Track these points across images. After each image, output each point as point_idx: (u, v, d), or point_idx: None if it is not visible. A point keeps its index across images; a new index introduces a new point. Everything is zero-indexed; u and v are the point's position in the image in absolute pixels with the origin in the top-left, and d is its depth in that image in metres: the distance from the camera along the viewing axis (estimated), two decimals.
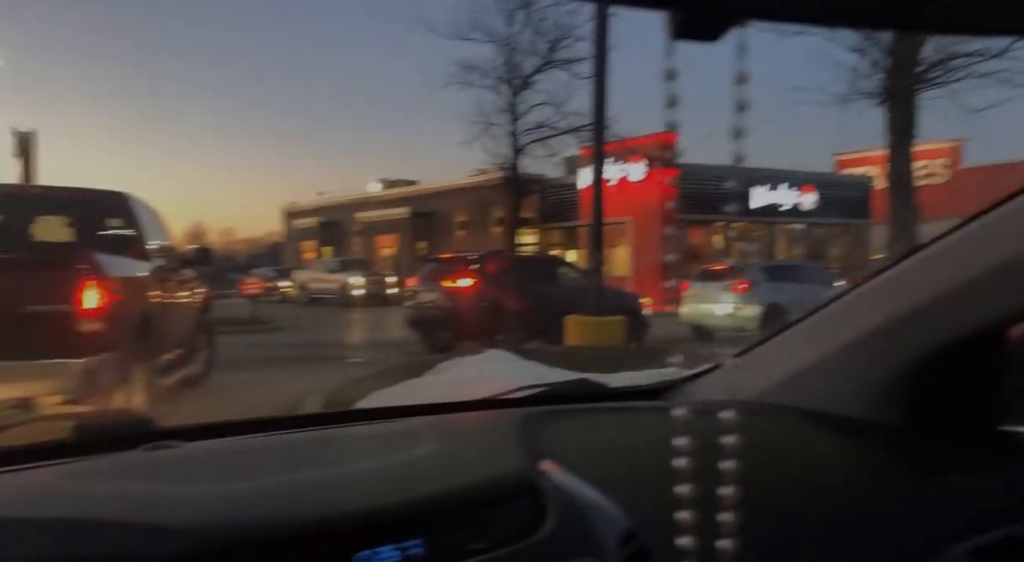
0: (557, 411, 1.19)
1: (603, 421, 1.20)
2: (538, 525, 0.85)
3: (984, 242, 0.93)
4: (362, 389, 6.21)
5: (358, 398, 5.65)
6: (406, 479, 0.90)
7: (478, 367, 5.65)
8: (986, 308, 0.96)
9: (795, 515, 0.92)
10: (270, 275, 27.50)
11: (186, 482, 0.86)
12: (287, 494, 0.84)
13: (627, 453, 1.06)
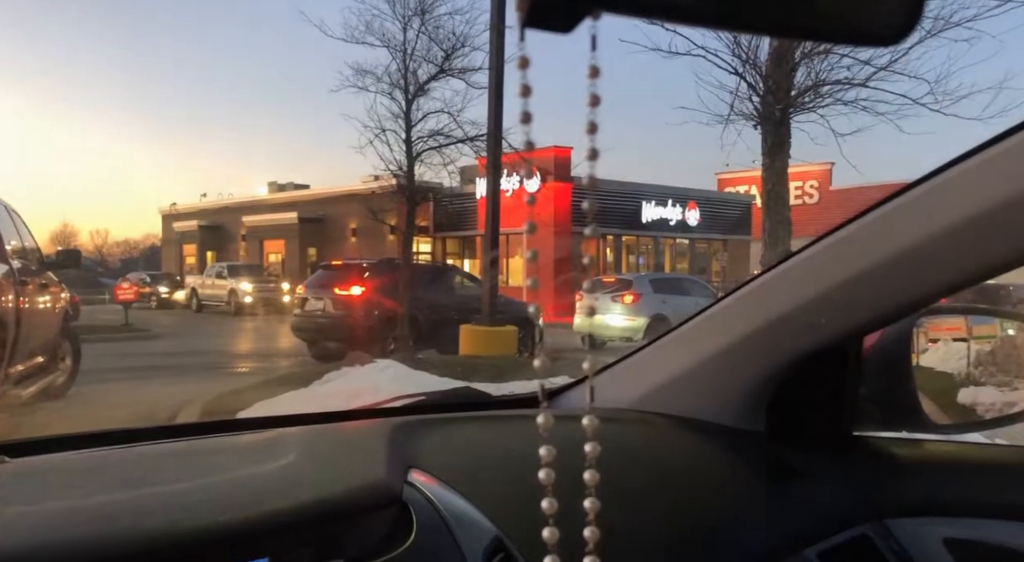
0: (431, 420, 1.16)
1: (477, 430, 1.18)
2: (400, 538, 0.82)
3: (840, 255, 0.96)
4: (243, 399, 5.94)
5: (238, 409, 5.40)
6: (255, 493, 0.85)
7: (367, 377, 5.52)
8: (841, 319, 1.00)
9: (657, 519, 0.93)
10: (146, 280, 25.96)
11: (4, 502, 0.78)
12: (120, 511, 0.77)
13: (498, 462, 1.04)
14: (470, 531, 0.85)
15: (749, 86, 9.15)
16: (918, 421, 1.18)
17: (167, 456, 1.04)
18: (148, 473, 0.93)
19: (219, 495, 0.84)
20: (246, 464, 0.96)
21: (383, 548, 0.80)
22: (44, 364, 5.96)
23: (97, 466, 0.97)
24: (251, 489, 0.86)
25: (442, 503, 0.88)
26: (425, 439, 1.05)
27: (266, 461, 0.94)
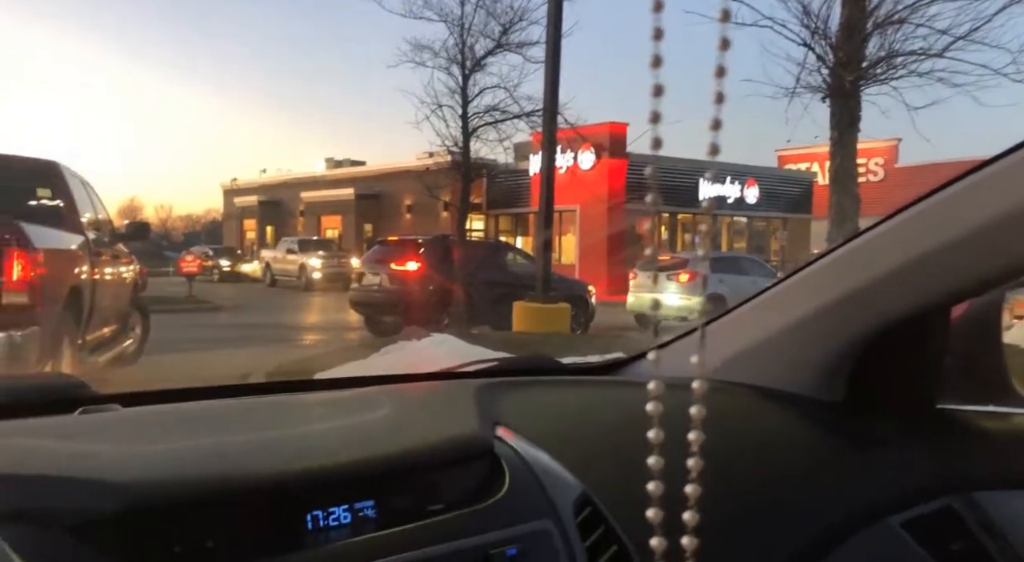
0: (512, 382, 1.20)
1: (557, 393, 1.22)
2: (494, 488, 0.86)
3: (928, 225, 0.95)
4: (303, 369, 6.10)
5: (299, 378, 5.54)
6: (360, 441, 0.89)
7: (424, 350, 5.59)
8: (927, 290, 0.99)
9: (734, 489, 0.94)
10: (208, 253, 26.73)
11: (127, 442, 0.83)
12: (237, 452, 0.82)
13: (580, 423, 1.08)
14: (558, 485, 0.89)
15: (818, 58, 8.83)
16: (1005, 394, 1.16)
17: (268, 407, 1.09)
18: (253, 421, 0.98)
19: (326, 441, 0.88)
20: (344, 416, 1.01)
21: (478, 496, 0.84)
22: (116, 332, 6.21)
23: (203, 415, 1.02)
24: (356, 436, 0.91)
25: (530, 458, 0.91)
26: (508, 399, 1.08)
27: (363, 414, 0.99)
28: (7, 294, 4.28)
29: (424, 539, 0.77)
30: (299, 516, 0.75)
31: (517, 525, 0.82)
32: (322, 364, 6.19)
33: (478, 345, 5.95)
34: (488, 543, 0.79)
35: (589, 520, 0.86)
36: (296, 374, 6.04)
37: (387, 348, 6.48)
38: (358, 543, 0.76)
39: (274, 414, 1.04)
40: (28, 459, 0.76)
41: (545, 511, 0.85)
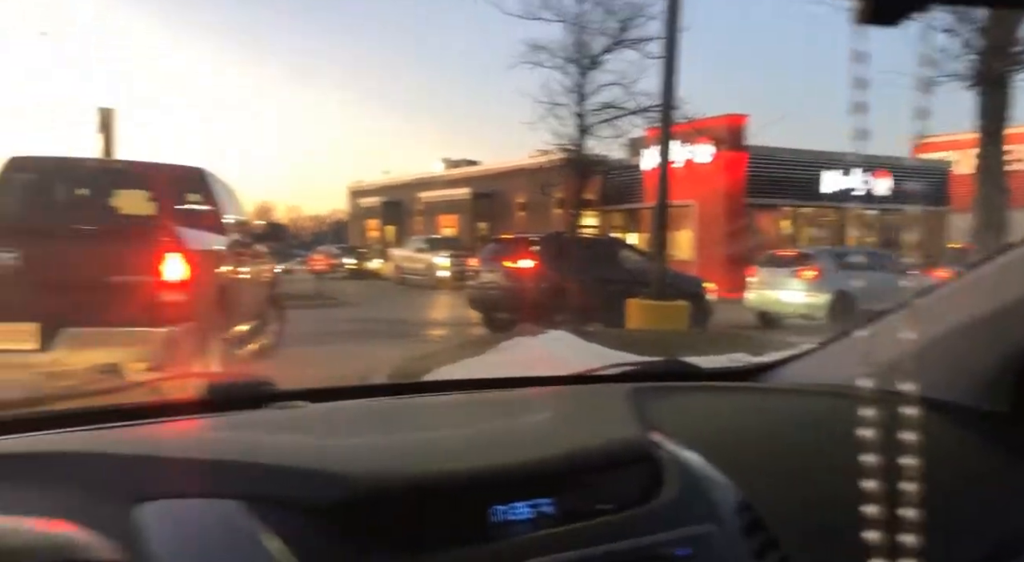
0: (660, 388, 1.23)
1: (705, 398, 1.24)
2: (657, 491, 0.90)
3: None
4: (424, 365, 6.32)
5: (419, 373, 5.76)
6: (534, 441, 0.94)
7: (540, 347, 5.67)
8: None
9: None
10: (335, 252, 28.04)
11: (322, 436, 0.91)
12: (432, 449, 0.89)
13: (731, 429, 1.10)
14: (717, 490, 0.92)
15: (964, 45, 8.21)
16: None
17: (437, 407, 1.18)
18: (429, 420, 1.06)
19: (505, 440, 0.95)
20: (510, 417, 1.07)
21: (643, 498, 0.88)
22: (256, 327, 6.64)
23: (383, 412, 1.12)
24: (529, 437, 0.96)
25: (687, 463, 0.94)
26: (658, 405, 1.12)
27: (528, 416, 1.05)
28: (164, 293, 4.66)
29: (598, 537, 0.82)
30: (485, 509, 0.81)
31: (683, 527, 0.86)
32: (440, 360, 6.39)
33: (594, 343, 5.97)
34: (658, 543, 0.84)
35: (750, 526, 0.89)
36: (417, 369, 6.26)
37: (503, 345, 6.61)
38: (538, 537, 0.81)
39: (446, 413, 1.12)
40: (259, 449, 0.84)
41: (708, 515, 0.88)
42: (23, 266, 4.42)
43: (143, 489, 0.75)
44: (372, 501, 0.77)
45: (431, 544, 0.77)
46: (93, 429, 0.94)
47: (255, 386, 1.11)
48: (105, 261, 4.55)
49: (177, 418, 1.03)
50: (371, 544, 0.75)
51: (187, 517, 0.73)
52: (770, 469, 1.00)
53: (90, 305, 4.48)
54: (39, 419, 0.99)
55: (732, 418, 1.16)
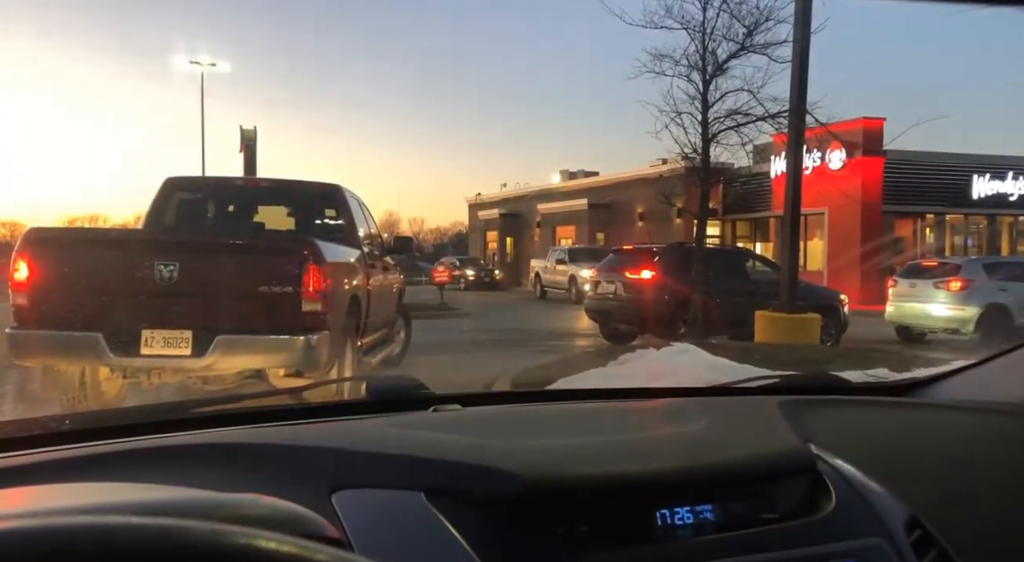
0: (811, 401, 1.22)
1: (858, 413, 1.23)
2: (822, 502, 0.90)
3: None
4: (547, 374, 6.35)
5: (542, 382, 5.78)
6: (695, 449, 0.96)
7: (665, 360, 5.55)
8: None
9: None
10: (456, 264, 28.73)
11: (492, 437, 0.95)
12: (596, 453, 0.92)
13: (890, 444, 1.10)
14: (883, 504, 0.92)
15: None
16: None
17: (587, 414, 1.21)
18: (583, 426, 1.09)
19: (667, 447, 0.97)
20: (666, 425, 1.09)
21: (807, 509, 0.89)
22: (385, 336, 6.89)
23: (537, 417, 1.16)
24: (690, 445, 0.98)
25: (849, 476, 0.95)
26: (814, 417, 1.12)
27: (684, 424, 1.05)
28: (305, 303, 4.89)
29: (762, 544, 0.83)
30: (650, 513, 0.83)
31: (849, 539, 0.85)
32: (562, 370, 6.39)
33: (720, 356, 5.79)
34: (825, 554, 0.84)
35: (921, 541, 0.88)
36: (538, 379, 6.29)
37: (626, 356, 6.52)
38: (702, 542, 0.82)
39: (597, 420, 1.14)
40: (432, 447, 0.89)
41: (875, 529, 0.87)
42: (180, 277, 4.73)
43: (337, 479, 0.81)
44: (544, 498, 0.80)
45: (598, 542, 0.79)
46: (282, 425, 1.02)
47: (412, 389, 1.17)
48: (251, 273, 4.83)
49: (349, 417, 1.10)
50: (540, 539, 0.78)
51: (377, 505, 0.78)
52: (936, 486, 0.98)
53: (238, 314, 4.76)
54: (230, 416, 1.08)
55: (891, 433, 1.14)
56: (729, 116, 8.44)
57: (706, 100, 8.31)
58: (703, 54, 8.18)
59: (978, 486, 1.02)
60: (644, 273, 10.97)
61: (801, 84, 8.03)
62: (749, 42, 8.20)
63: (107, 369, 4.87)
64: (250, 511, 0.53)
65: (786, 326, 8.54)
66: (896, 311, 12.33)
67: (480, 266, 29.92)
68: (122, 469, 0.81)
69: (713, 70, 8.21)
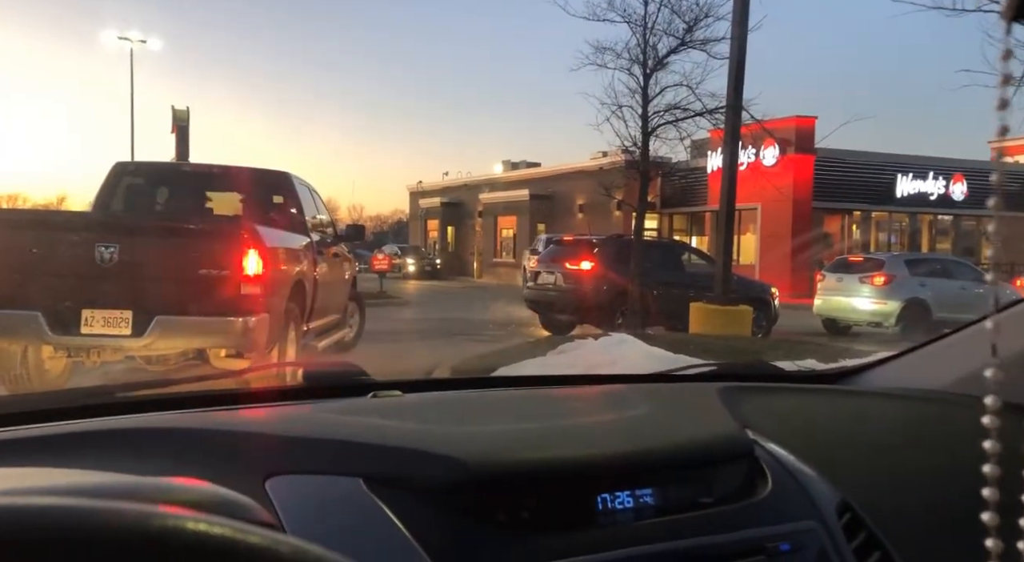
0: (748, 387, 1.25)
1: (797, 399, 1.26)
2: (759, 487, 0.93)
3: None
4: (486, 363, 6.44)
5: (485, 370, 5.87)
6: (635, 434, 0.97)
7: (603, 350, 5.71)
8: None
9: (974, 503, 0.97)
10: (398, 253, 28.52)
11: (431, 424, 0.95)
12: (537, 438, 0.93)
13: (824, 430, 1.12)
14: (816, 488, 0.94)
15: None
16: None
17: (529, 400, 1.21)
18: (523, 412, 1.09)
19: (607, 433, 0.98)
20: (608, 411, 1.10)
21: (744, 493, 0.92)
22: (336, 322, 6.89)
23: (480, 402, 1.17)
24: (630, 430, 0.99)
25: (784, 461, 0.97)
26: (751, 404, 1.14)
27: (625, 410, 1.06)
28: (243, 285, 4.89)
29: (700, 528, 0.85)
30: (591, 497, 0.84)
31: (784, 523, 0.88)
32: (503, 359, 6.49)
33: (656, 346, 5.99)
34: (761, 537, 0.86)
35: (851, 525, 0.91)
36: (481, 367, 6.38)
37: (564, 346, 6.66)
38: (641, 526, 0.84)
39: (538, 406, 1.15)
40: (370, 433, 0.87)
41: (809, 512, 0.90)
42: (120, 259, 4.71)
43: (271, 465, 0.80)
44: (484, 484, 0.80)
45: (539, 528, 0.80)
46: (213, 410, 1.00)
47: (352, 375, 1.15)
48: (192, 256, 4.84)
49: (284, 403, 1.08)
50: (481, 525, 0.78)
51: (313, 492, 0.77)
52: (866, 471, 1.01)
53: (177, 296, 4.78)
54: (161, 400, 1.06)
55: (824, 419, 1.18)
56: (668, 110, 8.66)
57: (646, 94, 8.51)
58: (644, 48, 8.38)
59: (904, 470, 1.04)
60: (583, 264, 11.17)
61: (738, 81, 8.29)
62: (689, 38, 8.43)
63: (50, 348, 4.84)
64: (178, 495, 0.50)
65: (720, 318, 8.85)
66: (823, 304, 12.84)
67: (422, 255, 29.77)
68: (41, 454, 0.78)
69: (653, 65, 8.41)
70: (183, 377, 3.81)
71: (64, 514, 0.34)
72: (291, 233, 5.81)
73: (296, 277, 5.62)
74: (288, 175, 6.42)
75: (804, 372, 1.58)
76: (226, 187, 6.58)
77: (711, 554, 0.84)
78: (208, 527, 0.36)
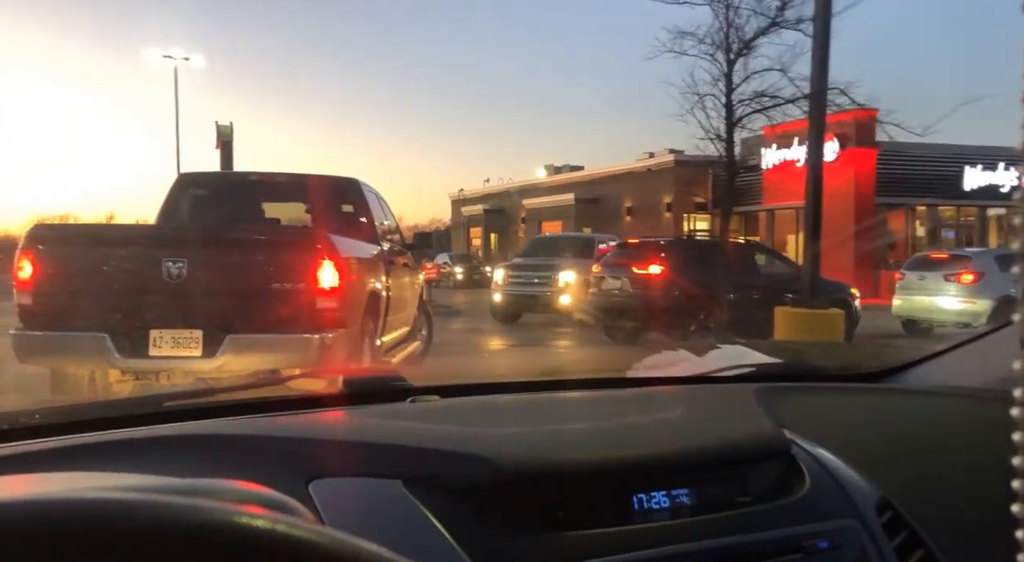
0: (785, 387, 1.26)
1: (832, 399, 1.28)
2: (795, 485, 0.93)
3: None
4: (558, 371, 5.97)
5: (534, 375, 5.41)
6: (672, 435, 0.98)
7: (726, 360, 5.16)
8: None
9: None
10: (446, 261, 27.85)
11: (468, 426, 0.95)
12: (574, 439, 0.94)
13: (864, 428, 1.13)
14: (855, 487, 0.95)
15: None
16: None
17: (566, 402, 1.21)
18: (561, 414, 1.11)
19: (644, 433, 0.98)
20: (645, 412, 1.09)
21: (781, 492, 0.92)
22: (407, 335, 6.55)
23: (517, 406, 1.15)
24: (667, 431, 0.99)
25: (823, 459, 0.98)
26: (789, 403, 1.14)
27: (662, 411, 1.06)
28: (319, 300, 4.57)
29: (737, 526, 0.86)
30: (627, 497, 0.85)
31: (823, 521, 0.89)
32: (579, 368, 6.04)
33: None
34: (799, 535, 0.87)
35: (892, 523, 0.92)
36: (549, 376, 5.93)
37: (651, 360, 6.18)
38: (677, 525, 0.85)
39: (575, 408, 1.16)
40: (408, 436, 0.89)
41: (848, 511, 0.91)
42: (189, 274, 4.42)
43: (314, 468, 0.81)
44: (520, 484, 0.82)
45: (574, 527, 0.81)
46: (259, 417, 1.01)
47: (390, 381, 1.18)
48: (264, 269, 4.56)
49: (326, 409, 1.10)
50: (518, 525, 0.80)
51: (354, 493, 0.79)
52: (906, 469, 1.03)
53: (250, 312, 4.49)
54: (209, 408, 1.07)
55: (862, 418, 1.19)
56: (754, 98, 8.06)
57: (730, 81, 7.94)
58: (727, 32, 7.79)
59: (947, 469, 1.06)
60: (652, 268, 10.62)
61: (822, 65, 7.69)
62: (780, 17, 7.82)
63: (117, 371, 4.57)
64: (230, 496, 0.52)
65: (808, 323, 8.21)
66: (904, 304, 12.16)
67: (471, 263, 29.31)
68: (92, 462, 0.80)
69: (739, 49, 7.83)
70: (230, 385, 3.60)
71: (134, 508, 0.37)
72: (363, 242, 5.48)
73: (370, 289, 5.28)
74: (357, 181, 6.15)
75: (842, 371, 1.57)
76: (294, 196, 6.37)
77: (748, 552, 0.84)
78: (250, 520, 0.39)
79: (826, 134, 17.26)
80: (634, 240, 12.65)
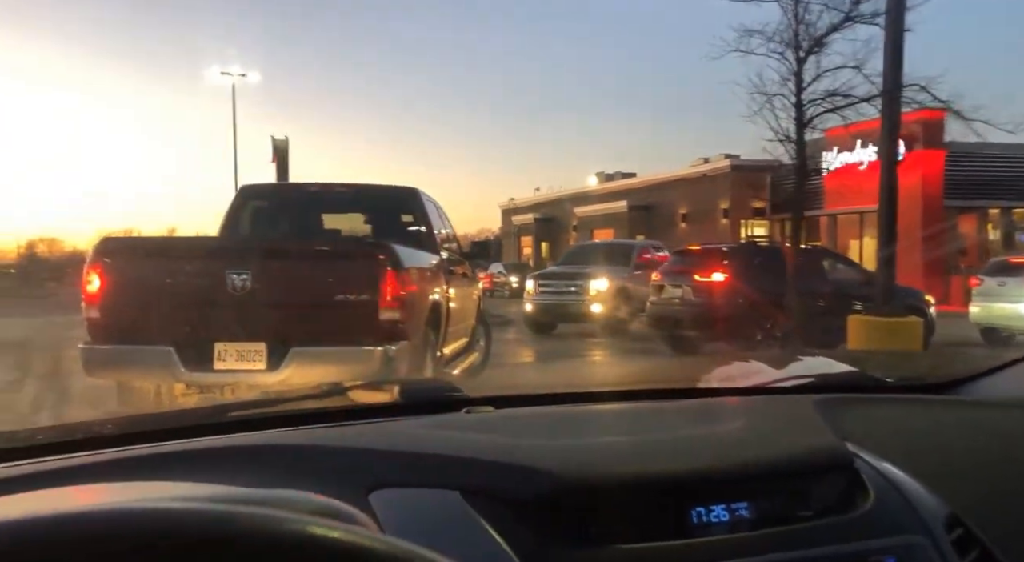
0: (847, 399, 1.21)
1: (896, 411, 1.22)
2: (859, 499, 0.91)
3: None
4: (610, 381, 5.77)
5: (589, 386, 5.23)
6: (732, 448, 0.96)
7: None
8: None
9: None
10: (502, 271, 27.55)
11: (525, 438, 0.94)
12: (630, 452, 0.95)
13: (930, 441, 1.11)
14: (923, 502, 0.93)
15: None
16: None
17: (622, 414, 1.20)
18: (617, 425, 1.10)
19: (703, 446, 0.97)
20: (703, 424, 1.07)
21: (844, 506, 0.91)
22: (466, 345, 6.43)
23: (572, 417, 1.15)
24: (726, 443, 0.98)
25: (887, 473, 0.96)
26: (851, 415, 1.12)
27: (721, 423, 1.06)
28: (383, 311, 4.48)
29: (798, 541, 0.85)
30: (685, 510, 0.85)
31: (888, 537, 0.87)
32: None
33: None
34: (863, 550, 0.85)
35: (962, 540, 0.89)
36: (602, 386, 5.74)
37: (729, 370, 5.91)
38: (737, 539, 0.84)
39: (632, 420, 1.14)
40: (466, 447, 0.89)
41: (916, 526, 0.89)
42: (253, 286, 4.38)
43: (374, 478, 0.82)
44: (579, 497, 0.82)
45: (631, 539, 0.81)
46: (319, 427, 1.02)
47: (447, 392, 1.19)
48: (327, 281, 4.50)
49: (384, 419, 1.10)
50: (575, 536, 0.80)
51: (414, 504, 0.80)
52: (976, 484, 0.99)
53: (313, 324, 4.43)
54: (271, 418, 1.08)
55: (929, 431, 1.15)
56: (826, 98, 7.69)
57: (800, 81, 7.59)
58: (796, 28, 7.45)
59: (1019, 484, 1.02)
60: (715, 275, 10.29)
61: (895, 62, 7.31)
62: (855, 11, 7.44)
63: (182, 385, 4.55)
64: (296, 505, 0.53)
65: (884, 332, 7.82)
66: (983, 312, 11.57)
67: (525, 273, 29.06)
68: (159, 472, 0.81)
69: (809, 46, 7.48)
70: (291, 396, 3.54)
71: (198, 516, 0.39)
72: (424, 252, 5.39)
73: (432, 300, 5.18)
74: (417, 190, 6.07)
75: (906, 383, 1.55)
76: (353, 206, 6.34)
77: None
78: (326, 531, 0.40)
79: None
80: (695, 246, 12.29)
